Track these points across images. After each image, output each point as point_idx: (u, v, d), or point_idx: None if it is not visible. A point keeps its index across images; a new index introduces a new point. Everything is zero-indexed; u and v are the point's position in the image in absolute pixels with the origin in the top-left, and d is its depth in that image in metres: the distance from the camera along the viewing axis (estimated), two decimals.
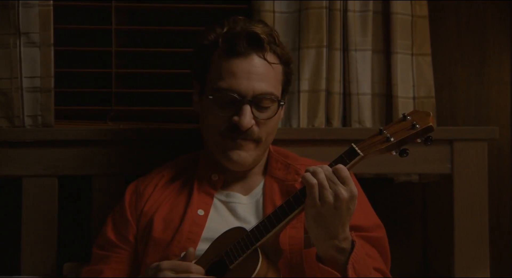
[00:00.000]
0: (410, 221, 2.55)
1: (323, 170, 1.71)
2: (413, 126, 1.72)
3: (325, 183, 1.69)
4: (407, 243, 2.54)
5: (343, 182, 1.70)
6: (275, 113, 1.94)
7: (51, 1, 2.31)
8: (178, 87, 2.47)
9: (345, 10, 2.38)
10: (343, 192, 1.69)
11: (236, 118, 1.90)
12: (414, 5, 2.40)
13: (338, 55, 2.38)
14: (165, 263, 1.77)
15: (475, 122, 2.54)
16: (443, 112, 2.52)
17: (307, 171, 1.72)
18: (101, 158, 2.28)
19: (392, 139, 1.72)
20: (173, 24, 2.54)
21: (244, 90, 1.90)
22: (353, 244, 1.76)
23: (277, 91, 1.95)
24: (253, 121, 1.91)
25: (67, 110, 2.42)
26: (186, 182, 2.02)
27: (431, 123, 1.72)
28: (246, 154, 1.93)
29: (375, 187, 2.45)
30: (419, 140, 1.73)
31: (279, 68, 1.96)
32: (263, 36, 1.91)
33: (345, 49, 2.39)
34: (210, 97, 1.92)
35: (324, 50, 2.36)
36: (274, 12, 2.37)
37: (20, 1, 2.29)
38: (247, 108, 1.90)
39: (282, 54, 1.96)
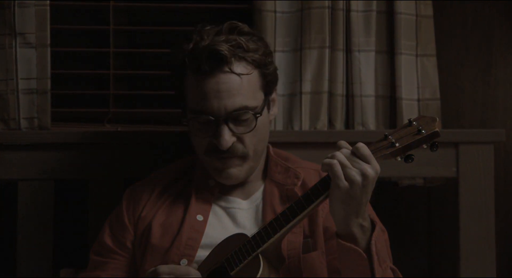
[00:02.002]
0: (415, 226, 2.54)
1: (343, 152, 1.70)
2: (419, 131, 1.71)
3: (347, 162, 1.69)
4: (412, 248, 2.53)
5: (366, 160, 1.70)
6: (254, 125, 1.90)
7: (48, 1, 2.30)
8: None
9: (348, 10, 2.37)
10: (369, 169, 1.69)
11: (214, 140, 1.89)
12: (418, 5, 2.39)
13: (340, 56, 2.37)
14: (163, 267, 1.77)
15: (481, 125, 2.53)
16: (449, 115, 2.51)
17: (327, 156, 1.72)
18: (99, 161, 2.27)
19: (397, 144, 1.72)
20: (172, 24, 2.54)
21: (217, 111, 1.87)
22: (373, 223, 1.76)
23: (254, 101, 1.91)
24: (233, 139, 1.89)
25: (63, 113, 2.42)
26: (184, 187, 2.00)
27: (437, 129, 1.71)
28: (235, 170, 1.92)
29: (379, 191, 2.37)
30: (425, 146, 1.73)
31: (253, 75, 1.91)
32: (225, 52, 1.85)
33: (348, 50, 2.38)
34: (185, 122, 1.93)
35: (327, 51, 2.35)
36: (275, 12, 2.36)
37: (16, 1, 2.28)
38: (224, 128, 1.87)
39: (254, 59, 1.91)
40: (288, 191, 1.95)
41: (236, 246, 1.78)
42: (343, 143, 1.75)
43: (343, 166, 1.69)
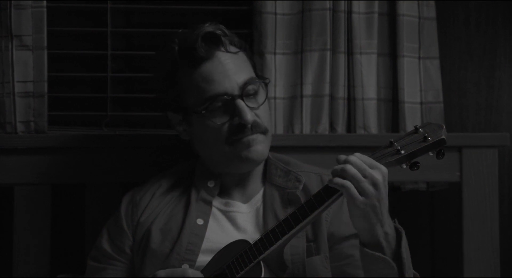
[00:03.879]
0: (418, 231, 2.52)
1: (351, 163, 1.69)
2: (425, 139, 1.71)
3: (359, 176, 1.68)
4: (415, 253, 2.45)
5: (370, 166, 1.69)
6: (266, 95, 1.95)
7: (44, 3, 2.30)
8: None
9: (349, 12, 2.36)
10: (376, 175, 1.68)
11: (236, 119, 1.89)
12: (421, 6, 2.39)
13: (342, 59, 2.36)
14: (160, 272, 1.77)
15: (485, 128, 2.52)
16: (452, 118, 2.50)
17: (334, 173, 1.70)
18: (96, 165, 2.26)
19: (402, 152, 1.72)
20: (171, 26, 2.48)
21: (230, 88, 1.90)
22: (398, 230, 1.76)
23: (253, 73, 1.97)
24: (253, 114, 1.91)
25: (60, 116, 2.41)
26: (184, 192, 2.00)
27: (443, 137, 1.72)
28: (260, 147, 1.93)
29: None
30: (431, 153, 1.73)
31: (242, 55, 1.97)
32: (218, 32, 1.93)
33: (350, 52, 2.37)
34: (203, 112, 1.91)
35: (328, 53, 2.35)
36: (275, 13, 2.35)
37: (13, 3, 2.27)
38: (242, 104, 1.90)
39: (238, 42, 1.98)
40: (289, 195, 1.94)
41: (237, 252, 1.78)
42: (342, 157, 1.73)
43: (356, 181, 1.67)
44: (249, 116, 1.88)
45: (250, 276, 1.75)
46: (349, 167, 1.68)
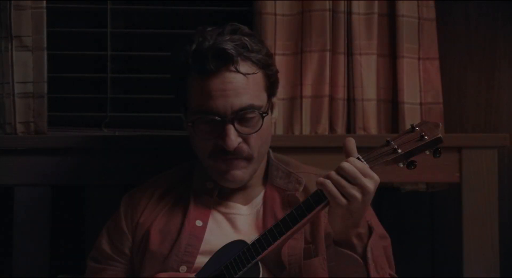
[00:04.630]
0: (417, 232, 2.53)
1: (344, 170, 1.69)
2: (422, 137, 1.71)
3: (343, 182, 1.68)
4: (415, 254, 2.52)
5: (363, 173, 1.69)
6: (261, 125, 1.89)
7: (44, 3, 2.29)
8: None
9: (349, 13, 2.36)
10: (368, 184, 1.68)
11: (220, 141, 1.87)
12: (421, 7, 2.39)
13: (342, 60, 2.36)
14: (162, 275, 1.77)
15: (484, 129, 2.51)
16: (452, 119, 2.50)
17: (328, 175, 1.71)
18: (96, 166, 2.26)
19: (399, 151, 1.71)
20: (171, 27, 2.52)
21: (222, 110, 1.85)
22: (370, 229, 1.77)
23: (259, 101, 1.90)
24: (239, 140, 1.87)
25: (60, 117, 2.41)
26: (183, 193, 1.99)
27: (440, 135, 1.71)
28: (240, 172, 1.90)
29: (381, 196, 2.43)
30: (427, 152, 1.73)
31: (258, 75, 1.90)
32: (231, 51, 1.85)
33: (349, 53, 2.37)
34: (190, 124, 1.90)
35: (328, 54, 2.34)
36: (275, 14, 2.35)
37: (12, 3, 2.27)
38: (230, 128, 1.86)
39: (259, 60, 1.90)
40: (289, 197, 1.94)
41: (235, 253, 1.77)
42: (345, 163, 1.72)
43: (340, 186, 1.68)
44: (232, 143, 1.85)
45: (248, 276, 1.75)
46: (333, 173, 1.69)
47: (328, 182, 1.68)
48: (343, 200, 1.67)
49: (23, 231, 2.24)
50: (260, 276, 1.73)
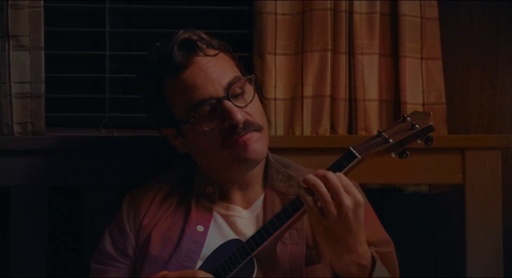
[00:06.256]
0: (420, 234, 2.53)
1: (328, 179, 1.69)
2: (413, 126, 1.74)
3: (325, 197, 1.68)
4: (417, 257, 2.51)
5: (345, 190, 1.69)
6: (254, 92, 1.92)
7: (42, 3, 2.29)
8: None
9: (350, 12, 2.36)
10: (346, 200, 1.67)
11: (226, 122, 1.87)
12: (423, 6, 2.38)
13: (343, 59, 2.35)
14: (171, 274, 1.77)
15: (488, 130, 2.51)
16: (455, 120, 2.50)
17: (306, 181, 1.71)
18: (94, 167, 2.25)
19: (391, 140, 1.73)
20: (170, 27, 2.47)
21: (214, 91, 1.88)
22: (374, 260, 1.75)
23: (237, 72, 1.95)
24: (243, 113, 1.88)
25: (58, 117, 2.40)
26: (184, 197, 1.99)
27: (431, 123, 1.74)
28: (257, 145, 1.89)
29: (383, 198, 2.44)
30: (419, 141, 1.74)
31: (224, 56, 1.95)
32: (193, 37, 1.92)
33: (351, 53, 2.36)
34: (192, 120, 1.89)
35: (329, 54, 2.34)
36: (276, 14, 2.34)
37: (9, 3, 2.26)
38: (229, 105, 1.87)
39: (217, 44, 1.96)
40: (290, 201, 1.90)
41: (230, 251, 1.79)
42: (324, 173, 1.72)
43: (320, 199, 1.68)
44: (239, 115, 1.86)
45: (243, 274, 1.76)
46: (319, 185, 1.69)
47: (307, 196, 1.69)
48: (319, 215, 1.68)
49: (20, 233, 2.27)
50: (254, 274, 1.74)
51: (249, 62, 2.32)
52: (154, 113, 1.98)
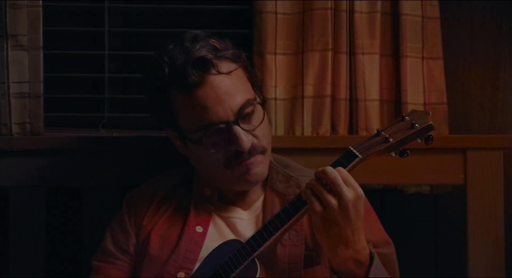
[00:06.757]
0: (421, 234, 2.54)
1: (325, 174, 1.70)
2: (412, 126, 1.75)
3: (319, 188, 1.70)
4: (419, 258, 2.52)
5: (345, 183, 1.69)
6: (263, 115, 1.90)
7: (40, 2, 2.28)
8: None
9: (351, 11, 2.35)
10: (346, 192, 1.68)
11: (233, 146, 1.84)
12: (424, 6, 2.38)
13: (344, 59, 2.34)
14: None
15: (489, 130, 2.51)
16: (456, 119, 2.49)
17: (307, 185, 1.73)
18: (93, 167, 2.25)
19: (391, 140, 1.74)
20: (170, 26, 2.51)
21: (224, 115, 1.83)
22: (372, 256, 1.75)
23: (250, 93, 1.90)
24: (250, 138, 1.86)
25: (57, 118, 2.40)
26: (183, 198, 1.99)
27: (430, 122, 1.75)
28: (259, 169, 1.89)
29: (384, 199, 2.45)
30: (419, 140, 1.75)
31: (237, 72, 1.90)
32: (208, 56, 1.84)
33: (352, 53, 2.36)
34: (198, 141, 1.87)
35: (329, 53, 2.33)
36: (276, 13, 2.34)
37: (8, 2, 2.26)
38: (238, 130, 1.83)
39: (232, 55, 1.89)
40: (289, 201, 1.90)
41: (230, 252, 1.78)
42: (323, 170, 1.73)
43: (317, 191, 1.69)
44: (246, 143, 1.83)
45: (246, 275, 1.75)
46: (312, 180, 1.71)
47: (307, 190, 1.71)
48: (318, 206, 1.68)
49: (18, 233, 2.28)
50: (258, 275, 1.73)
51: (249, 62, 2.31)
52: (157, 113, 1.95)
